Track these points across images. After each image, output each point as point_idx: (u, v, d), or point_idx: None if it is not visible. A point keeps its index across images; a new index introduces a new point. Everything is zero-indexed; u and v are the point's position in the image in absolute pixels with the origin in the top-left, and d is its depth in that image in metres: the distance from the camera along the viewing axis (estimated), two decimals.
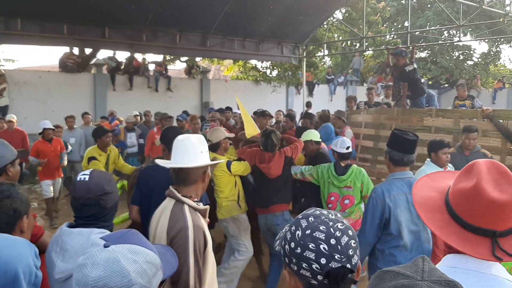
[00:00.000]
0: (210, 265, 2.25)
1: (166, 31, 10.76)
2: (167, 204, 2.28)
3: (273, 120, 9.24)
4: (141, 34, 10.37)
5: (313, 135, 5.21)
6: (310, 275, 1.18)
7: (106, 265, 1.21)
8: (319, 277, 1.17)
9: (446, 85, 23.66)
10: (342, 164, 4.55)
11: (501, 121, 5.82)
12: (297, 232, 1.22)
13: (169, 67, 18.06)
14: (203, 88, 16.85)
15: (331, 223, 1.21)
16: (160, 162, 2.46)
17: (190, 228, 2.12)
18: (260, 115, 6.75)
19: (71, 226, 2.03)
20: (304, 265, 1.18)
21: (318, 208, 1.30)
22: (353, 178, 4.50)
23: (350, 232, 1.22)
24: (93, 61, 14.96)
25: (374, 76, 21.76)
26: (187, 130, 7.78)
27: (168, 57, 18.12)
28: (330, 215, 1.25)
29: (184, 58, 18.22)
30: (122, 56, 15.45)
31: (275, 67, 19.30)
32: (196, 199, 2.33)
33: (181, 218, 2.15)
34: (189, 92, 16.50)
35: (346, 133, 6.75)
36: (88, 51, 14.52)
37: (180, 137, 2.38)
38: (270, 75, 19.47)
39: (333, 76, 21.04)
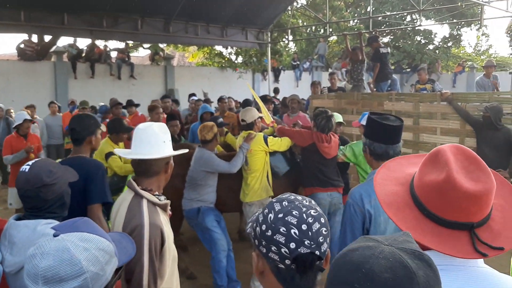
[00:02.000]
0: (169, 260, 2.18)
1: (127, 17, 10.55)
2: (126, 196, 2.19)
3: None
4: (101, 20, 10.14)
5: (338, 117, 5.43)
6: (278, 259, 1.18)
7: (55, 254, 1.19)
8: (287, 262, 1.17)
9: (408, 70, 24.15)
10: None
11: (460, 104, 5.99)
12: (270, 215, 1.20)
13: (132, 54, 17.75)
14: (167, 75, 16.64)
15: (304, 209, 1.21)
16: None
17: (146, 226, 2.03)
18: (263, 101, 6.82)
19: (19, 218, 1.97)
20: (273, 248, 1.17)
21: (293, 194, 1.29)
22: (349, 149, 4.68)
23: (322, 220, 1.21)
24: (53, 48, 14.51)
25: (338, 61, 21.99)
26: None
27: (130, 44, 17.80)
28: (304, 201, 1.24)
29: (147, 45, 17.94)
30: (83, 43, 15.13)
31: (240, 54, 19.25)
32: (157, 193, 2.24)
33: (138, 215, 2.06)
34: (153, 79, 16.26)
35: (302, 118, 6.88)
36: (47, 38, 14.09)
37: (141, 125, 2.26)
38: (236, 62, 19.41)
39: (298, 62, 21.14)
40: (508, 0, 8.30)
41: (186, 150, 2.69)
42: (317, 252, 1.18)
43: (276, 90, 14.05)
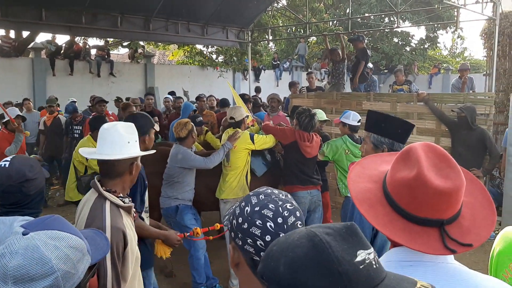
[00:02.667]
0: (132, 262, 2.16)
1: (107, 13, 10.42)
2: (90, 196, 2.15)
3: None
4: (80, 17, 9.97)
5: (322, 114, 5.50)
6: (253, 251, 1.18)
7: (25, 253, 1.16)
8: (262, 254, 1.14)
9: (385, 71, 24.47)
10: (356, 136, 4.75)
11: (435, 104, 6.13)
12: (246, 208, 1.21)
13: (112, 52, 17.56)
14: (147, 73, 16.52)
15: (280, 203, 1.22)
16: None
17: (108, 230, 1.99)
18: (242, 100, 6.86)
19: None
20: (249, 240, 1.18)
21: (270, 187, 1.30)
22: (346, 146, 4.70)
23: (297, 213, 1.22)
24: (31, 45, 14.28)
25: (318, 62, 22.19)
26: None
27: (110, 41, 17.61)
28: (280, 195, 1.26)
29: (126, 43, 17.77)
30: (62, 39, 14.87)
31: (221, 53, 19.23)
32: (121, 194, 2.19)
33: (99, 217, 2.02)
34: (133, 77, 16.12)
35: (281, 117, 6.94)
36: (25, 34, 13.84)
37: (106, 125, 2.21)
38: (217, 60, 19.39)
39: (278, 62, 21.24)
40: (483, 4, 8.49)
41: (153, 151, 2.70)
42: None
43: (258, 89, 14.09)
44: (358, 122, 4.77)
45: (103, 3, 9.84)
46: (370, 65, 9.22)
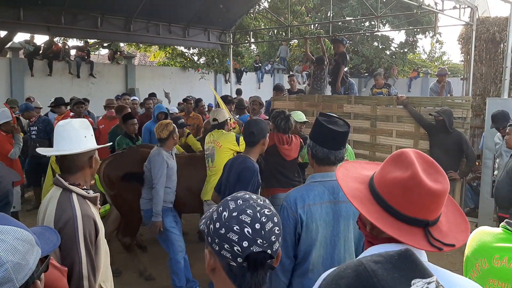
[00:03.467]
0: (103, 253, 2.22)
1: (87, 14, 10.28)
2: (54, 194, 2.19)
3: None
4: (59, 17, 9.82)
5: (300, 115, 5.52)
6: (230, 257, 1.19)
7: None
8: (239, 260, 1.18)
9: (366, 74, 24.74)
10: None
11: (414, 107, 6.23)
12: (224, 213, 1.22)
13: (93, 53, 17.35)
14: (128, 74, 16.37)
15: (258, 208, 1.23)
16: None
17: (79, 218, 2.06)
18: (224, 101, 6.90)
19: None
20: (226, 246, 1.19)
21: (248, 192, 1.30)
22: (349, 153, 4.72)
23: (275, 219, 1.24)
24: (9, 44, 14.01)
25: (299, 64, 22.33)
26: None
27: (91, 42, 17.42)
28: (258, 200, 1.26)
29: (107, 44, 17.60)
30: (40, 40, 14.65)
31: (202, 55, 19.19)
32: (85, 187, 2.26)
33: (69, 208, 2.09)
34: (113, 78, 15.96)
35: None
36: (3, 34, 13.58)
37: (60, 122, 2.30)
38: (198, 62, 19.33)
39: (260, 64, 21.30)
40: (461, 9, 8.66)
41: (109, 144, 2.79)
42: (269, 251, 1.20)
43: (239, 91, 14.10)
44: None
45: (83, 3, 9.73)
46: (345, 68, 9.36)
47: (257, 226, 1.19)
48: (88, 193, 2.23)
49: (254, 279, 1.21)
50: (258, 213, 1.21)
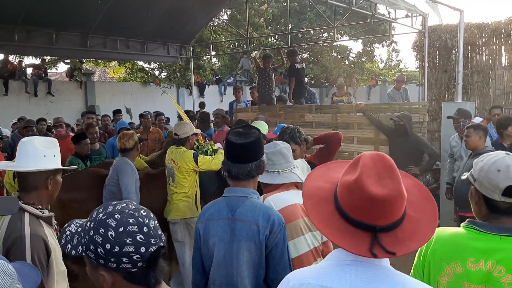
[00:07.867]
0: (58, 275, 2.14)
1: (41, 30, 10.01)
2: None
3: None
4: (13, 34, 9.51)
5: (263, 126, 5.25)
6: (131, 266, 1.24)
7: None
8: (140, 264, 1.24)
9: (327, 84, 25.17)
10: None
11: (373, 114, 6.36)
12: (110, 232, 1.23)
13: (50, 71, 16.92)
14: (87, 91, 16.04)
15: (136, 213, 1.28)
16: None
17: (27, 238, 2.00)
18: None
19: None
20: (124, 259, 1.23)
21: (112, 202, 1.33)
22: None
23: (151, 214, 1.32)
24: None
25: None
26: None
27: (48, 60, 16.98)
28: (130, 205, 1.31)
29: (67, 61, 17.20)
30: None
31: (163, 68, 19.03)
32: (39, 206, 2.18)
33: (18, 227, 2.03)
34: (72, 96, 15.59)
35: (226, 132, 6.96)
36: None
37: (24, 139, 2.25)
38: (159, 77, 19.16)
39: (219, 77, 21.31)
40: (413, 18, 8.94)
41: (73, 167, 2.84)
42: (161, 244, 1.29)
43: (202, 105, 14.03)
44: None
45: (36, 19, 9.46)
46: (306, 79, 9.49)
47: (145, 229, 1.25)
48: (43, 213, 2.15)
49: (157, 272, 1.30)
50: (139, 218, 1.27)
